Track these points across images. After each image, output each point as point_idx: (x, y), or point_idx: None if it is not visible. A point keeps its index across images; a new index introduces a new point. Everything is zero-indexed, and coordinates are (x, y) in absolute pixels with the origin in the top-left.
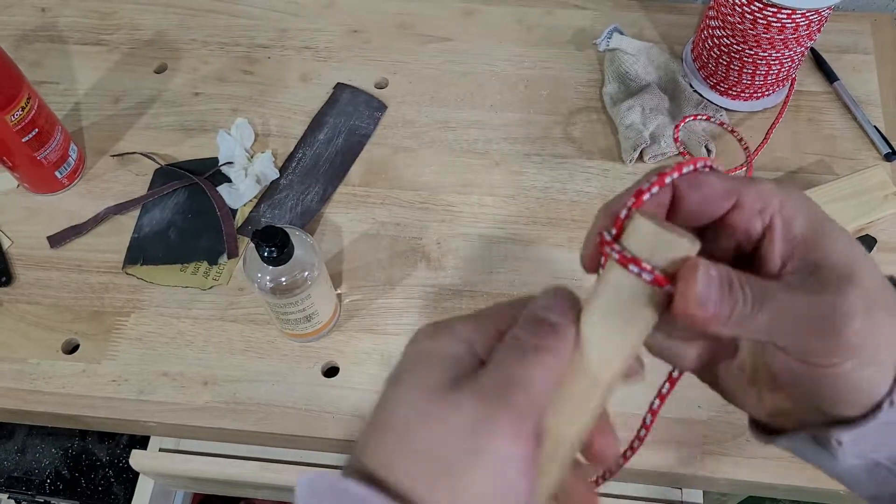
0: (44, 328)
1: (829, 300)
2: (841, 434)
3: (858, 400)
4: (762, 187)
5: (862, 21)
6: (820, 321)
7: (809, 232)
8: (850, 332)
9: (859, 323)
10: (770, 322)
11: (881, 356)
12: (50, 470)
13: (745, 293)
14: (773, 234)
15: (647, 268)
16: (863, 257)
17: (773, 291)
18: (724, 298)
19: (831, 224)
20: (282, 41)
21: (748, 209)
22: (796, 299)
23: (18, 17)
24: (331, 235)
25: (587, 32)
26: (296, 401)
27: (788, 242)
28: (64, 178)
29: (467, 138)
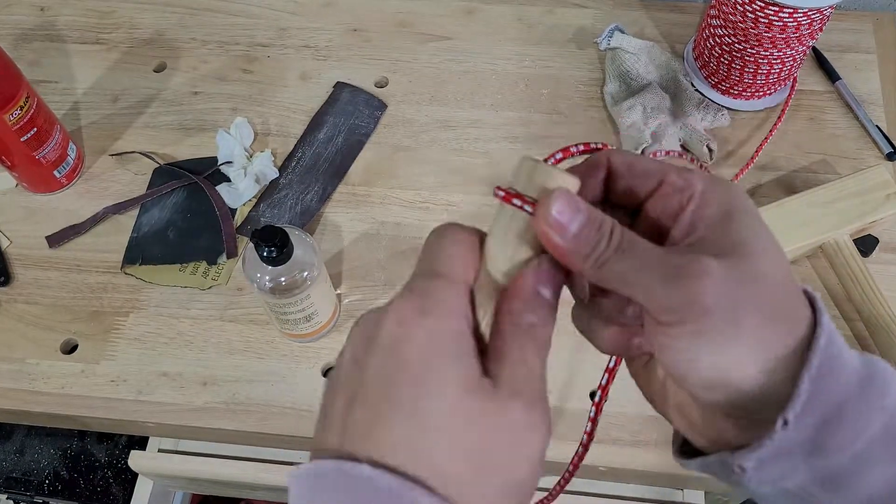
0: (42, 328)
1: (690, 260)
2: (742, 460)
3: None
4: (688, 171)
5: (864, 20)
6: (674, 275)
7: (719, 216)
8: (700, 290)
9: (715, 286)
10: (627, 270)
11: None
12: (48, 470)
13: (612, 237)
14: (684, 213)
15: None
16: (769, 252)
17: (641, 244)
18: (588, 235)
19: (750, 216)
20: (281, 40)
21: (670, 188)
22: (661, 253)
23: (17, 16)
24: (330, 235)
25: (588, 31)
26: (295, 401)
27: (694, 221)
28: (63, 178)
29: (467, 137)
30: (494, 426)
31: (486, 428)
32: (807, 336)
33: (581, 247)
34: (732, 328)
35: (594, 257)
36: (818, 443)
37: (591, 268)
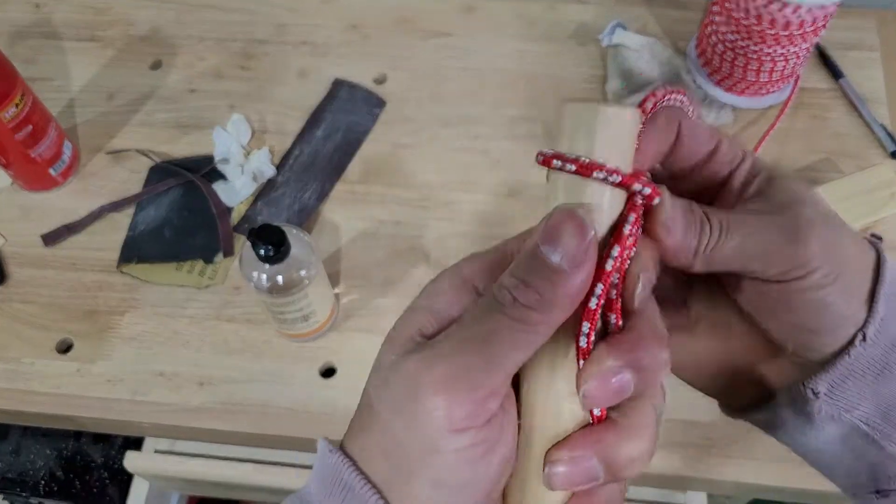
0: (38, 327)
1: (790, 214)
2: (817, 382)
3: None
4: (732, 141)
5: (868, 17)
6: (785, 233)
7: (767, 177)
8: (815, 238)
9: (822, 230)
10: (739, 246)
11: (849, 272)
12: (44, 471)
13: (710, 222)
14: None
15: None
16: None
17: (737, 216)
18: (690, 227)
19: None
20: (279, 36)
21: (723, 154)
22: (760, 219)
23: (12, 13)
24: (328, 234)
25: (589, 28)
26: (293, 402)
27: (747, 181)
28: (58, 176)
29: (467, 135)
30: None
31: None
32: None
33: (689, 245)
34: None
35: (703, 248)
36: (888, 362)
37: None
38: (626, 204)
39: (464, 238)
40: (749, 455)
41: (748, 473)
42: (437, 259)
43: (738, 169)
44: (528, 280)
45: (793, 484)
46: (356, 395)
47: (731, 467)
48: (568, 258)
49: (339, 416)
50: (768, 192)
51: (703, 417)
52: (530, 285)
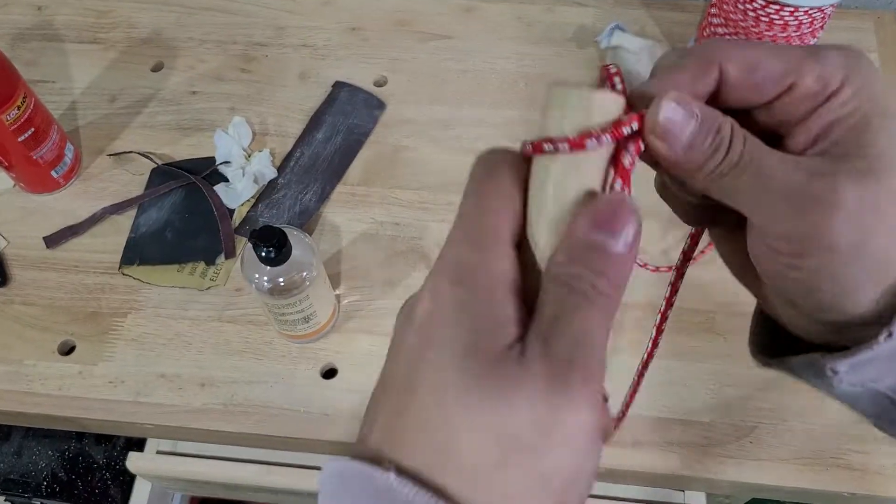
0: (40, 329)
1: (827, 184)
2: (835, 364)
3: (838, 308)
4: (824, 67)
5: (865, 18)
6: (801, 203)
7: (858, 118)
8: (830, 224)
9: (847, 217)
10: (747, 188)
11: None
12: (46, 472)
13: (731, 147)
14: (816, 114)
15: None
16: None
17: (769, 159)
18: (703, 143)
19: (889, 118)
20: (280, 39)
21: (803, 93)
22: (790, 176)
23: (14, 16)
24: (329, 235)
25: (588, 30)
26: (294, 403)
27: (828, 124)
28: (60, 178)
29: (467, 137)
30: (515, 405)
31: (507, 407)
32: None
33: (695, 158)
34: (859, 259)
35: (707, 170)
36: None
37: (703, 181)
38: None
39: None
40: (747, 455)
41: (747, 473)
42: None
43: (829, 103)
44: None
45: (791, 483)
46: (357, 395)
47: (729, 467)
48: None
49: (340, 417)
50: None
51: (702, 417)
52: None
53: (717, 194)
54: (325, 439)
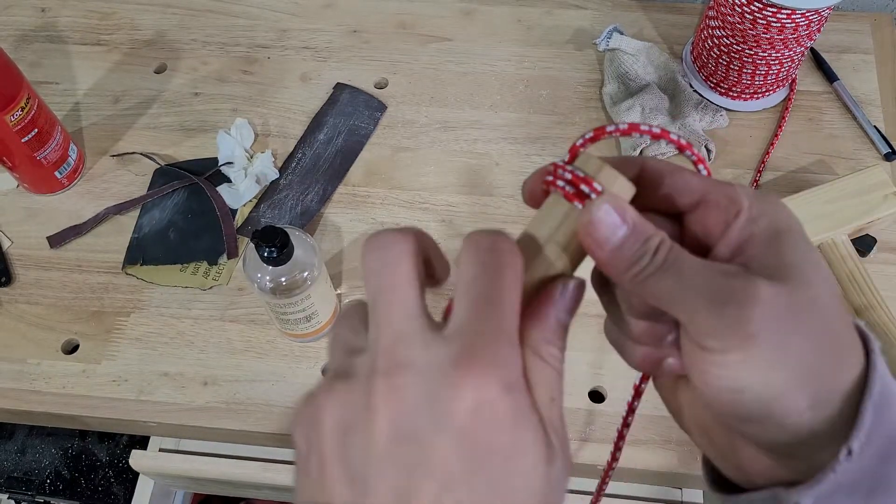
0: (44, 328)
1: (741, 284)
2: (798, 497)
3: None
4: (732, 189)
5: (861, 21)
6: (722, 299)
7: (770, 236)
8: (750, 318)
9: (766, 313)
10: (672, 289)
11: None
12: (50, 470)
13: (657, 253)
14: (731, 230)
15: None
16: (821, 278)
17: (690, 263)
18: (631, 248)
19: (799, 237)
20: (281, 41)
21: (713, 207)
22: (710, 276)
23: (18, 18)
24: (331, 235)
25: (587, 32)
26: (296, 401)
27: (742, 239)
28: (64, 179)
29: (467, 138)
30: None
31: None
32: (861, 370)
33: (622, 260)
34: (780, 359)
35: (634, 272)
36: (880, 478)
37: (630, 282)
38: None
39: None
40: None
41: None
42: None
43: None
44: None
45: None
46: None
47: None
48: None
49: None
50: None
51: None
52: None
53: (643, 295)
54: None
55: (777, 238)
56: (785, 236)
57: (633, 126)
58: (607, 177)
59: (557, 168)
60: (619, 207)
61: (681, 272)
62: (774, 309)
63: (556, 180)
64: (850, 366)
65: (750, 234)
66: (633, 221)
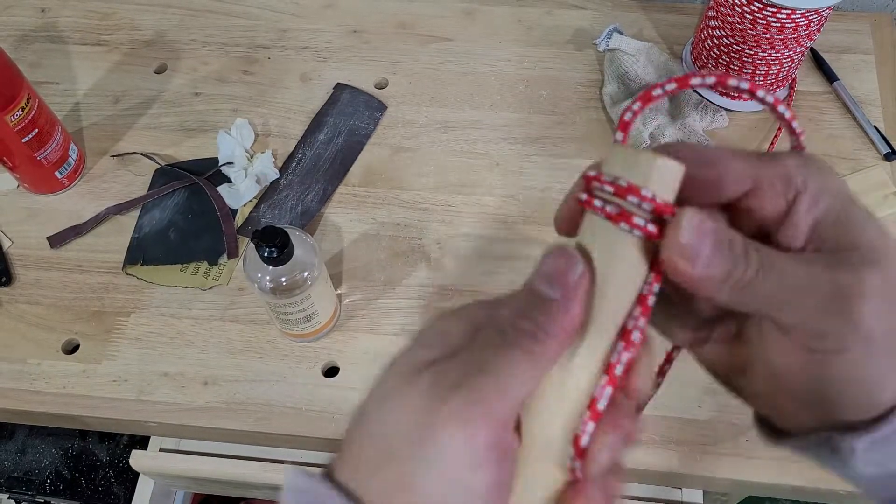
0: (44, 328)
1: (846, 277)
2: (854, 441)
3: (867, 400)
4: (784, 167)
5: (861, 21)
6: (831, 297)
7: (836, 214)
8: (863, 313)
9: (876, 305)
10: (774, 292)
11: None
12: (50, 470)
13: (748, 256)
14: (797, 216)
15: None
16: (894, 244)
17: (784, 260)
18: (719, 256)
19: (859, 208)
20: (282, 41)
21: (768, 191)
22: (810, 272)
23: (18, 18)
24: (331, 236)
25: (587, 32)
26: (296, 401)
27: (813, 224)
28: (64, 179)
29: (467, 138)
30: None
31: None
32: None
33: (717, 274)
34: (888, 340)
35: (731, 283)
36: None
37: (727, 294)
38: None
39: (464, 240)
40: (745, 453)
41: (744, 471)
42: (438, 260)
43: (797, 204)
44: (526, 310)
45: (788, 481)
46: (358, 393)
47: (727, 465)
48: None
49: (341, 415)
50: (839, 236)
51: (700, 415)
52: (527, 315)
53: (743, 304)
54: (326, 437)
55: (845, 216)
56: (850, 212)
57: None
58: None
59: (591, 181)
60: (705, 220)
61: (781, 273)
62: (880, 298)
63: (594, 199)
64: None
65: (817, 217)
66: (714, 229)
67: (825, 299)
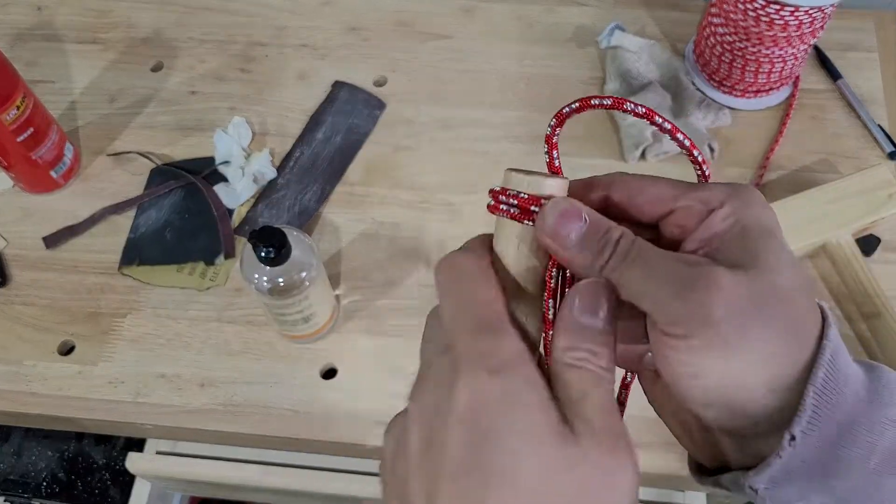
0: (39, 329)
1: (706, 270)
2: (753, 480)
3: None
4: (707, 192)
5: (865, 18)
6: (686, 285)
7: (743, 233)
8: (713, 304)
9: (731, 301)
10: (637, 279)
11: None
12: (46, 472)
13: (618, 245)
14: (701, 226)
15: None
16: (783, 265)
17: (655, 253)
18: (586, 241)
19: (772, 235)
20: (279, 39)
21: (685, 213)
22: (676, 265)
23: (14, 16)
24: (329, 235)
25: (588, 30)
26: (294, 403)
27: (709, 234)
28: (59, 178)
29: (467, 137)
30: (585, 476)
31: (579, 479)
32: (815, 352)
33: (584, 256)
34: (740, 344)
35: (598, 266)
36: (830, 461)
37: (597, 275)
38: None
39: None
40: None
41: None
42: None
43: (707, 218)
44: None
45: None
46: (357, 395)
47: None
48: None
49: (339, 417)
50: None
51: None
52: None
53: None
54: (324, 439)
55: (743, 232)
56: (751, 231)
57: (619, 101)
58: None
59: (497, 194)
60: (571, 207)
61: (646, 262)
62: (736, 295)
63: (499, 205)
64: (806, 350)
65: (718, 230)
66: (588, 217)
67: (678, 286)
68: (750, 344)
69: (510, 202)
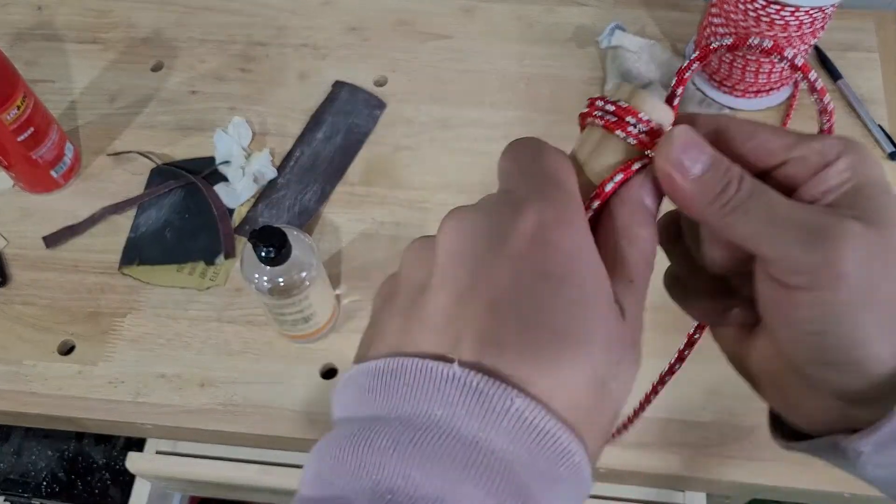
0: (39, 329)
1: (833, 220)
2: (858, 445)
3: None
4: (821, 145)
5: (866, 19)
6: (812, 233)
7: (857, 188)
8: (840, 255)
9: (859, 253)
10: (760, 221)
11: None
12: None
13: (741, 182)
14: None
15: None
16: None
17: (777, 196)
18: (712, 173)
19: (888, 193)
20: (280, 39)
21: (800, 164)
22: (800, 211)
23: (14, 16)
24: (329, 235)
25: (588, 30)
26: (294, 403)
27: (827, 188)
28: (60, 178)
29: (467, 137)
30: (622, 354)
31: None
32: None
33: (706, 191)
34: (871, 302)
35: (720, 203)
36: None
37: (715, 214)
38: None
39: None
40: (748, 455)
41: (747, 473)
42: None
43: (822, 171)
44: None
45: (791, 483)
46: None
47: (729, 467)
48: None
49: None
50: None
51: (702, 418)
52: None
53: (730, 231)
54: None
55: (861, 188)
56: (869, 187)
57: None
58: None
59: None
60: (695, 138)
61: (769, 205)
62: (867, 249)
63: (594, 111)
64: None
65: (834, 183)
66: (711, 151)
67: (806, 234)
68: (879, 302)
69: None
